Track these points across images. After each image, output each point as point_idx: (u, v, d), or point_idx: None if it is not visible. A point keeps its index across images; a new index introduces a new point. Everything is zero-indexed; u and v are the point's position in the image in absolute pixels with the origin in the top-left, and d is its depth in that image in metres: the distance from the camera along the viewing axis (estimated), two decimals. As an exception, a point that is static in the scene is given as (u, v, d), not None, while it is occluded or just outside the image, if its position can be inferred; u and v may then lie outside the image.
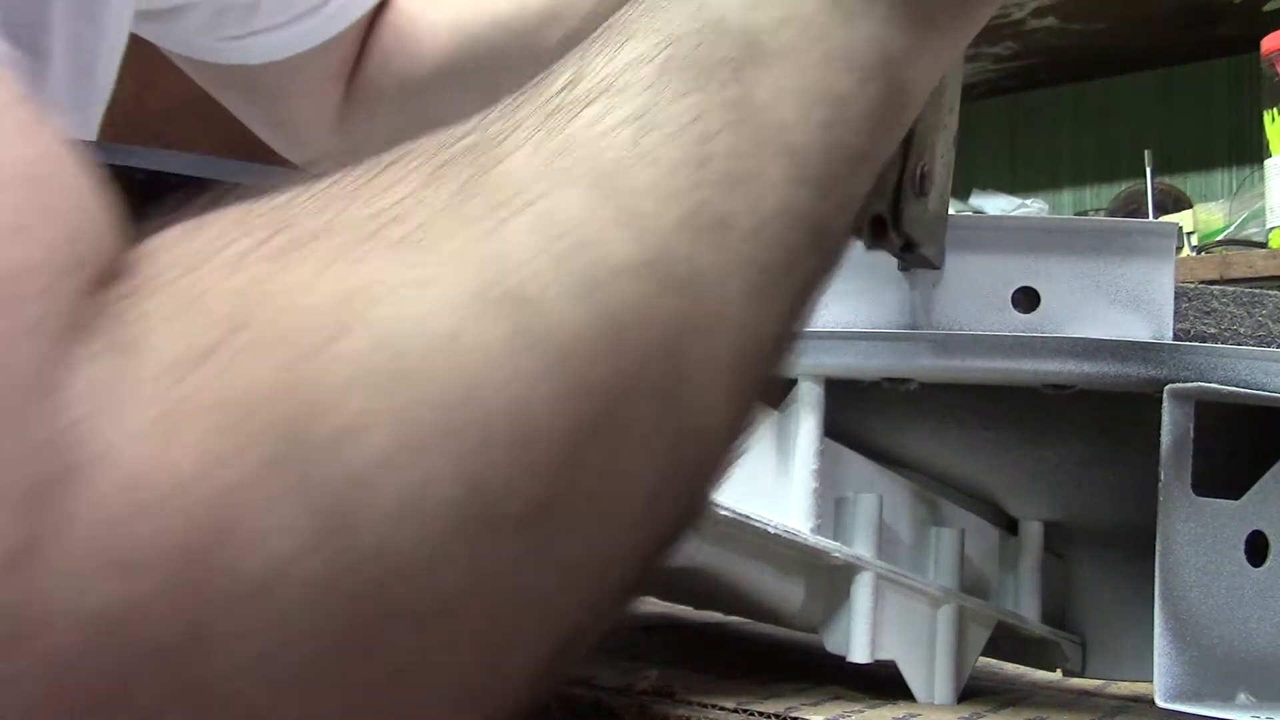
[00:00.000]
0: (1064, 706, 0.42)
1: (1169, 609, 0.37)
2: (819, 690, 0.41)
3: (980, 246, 0.40)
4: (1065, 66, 1.96)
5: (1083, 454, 0.44)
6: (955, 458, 0.45)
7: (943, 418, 0.43)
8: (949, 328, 0.40)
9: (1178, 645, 0.36)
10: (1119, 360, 0.38)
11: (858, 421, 0.43)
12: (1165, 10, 1.72)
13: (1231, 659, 0.37)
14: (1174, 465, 0.37)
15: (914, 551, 0.43)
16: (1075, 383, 0.39)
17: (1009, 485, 0.46)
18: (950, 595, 0.42)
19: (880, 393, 0.42)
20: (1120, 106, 2.00)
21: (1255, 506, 0.38)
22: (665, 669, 0.42)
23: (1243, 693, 0.37)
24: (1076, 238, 0.40)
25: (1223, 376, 0.38)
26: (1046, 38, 1.84)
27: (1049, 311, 0.40)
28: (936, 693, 0.41)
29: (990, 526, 0.46)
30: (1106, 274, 0.40)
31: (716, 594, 0.44)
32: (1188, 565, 0.37)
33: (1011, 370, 0.39)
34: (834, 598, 0.40)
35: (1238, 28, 1.73)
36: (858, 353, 0.40)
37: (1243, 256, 1.47)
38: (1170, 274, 0.39)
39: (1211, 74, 1.90)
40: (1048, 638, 0.46)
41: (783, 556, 0.39)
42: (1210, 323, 0.40)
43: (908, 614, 0.41)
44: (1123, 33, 1.82)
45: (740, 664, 0.47)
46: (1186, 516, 0.37)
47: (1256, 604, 0.37)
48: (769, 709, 0.38)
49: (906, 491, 0.44)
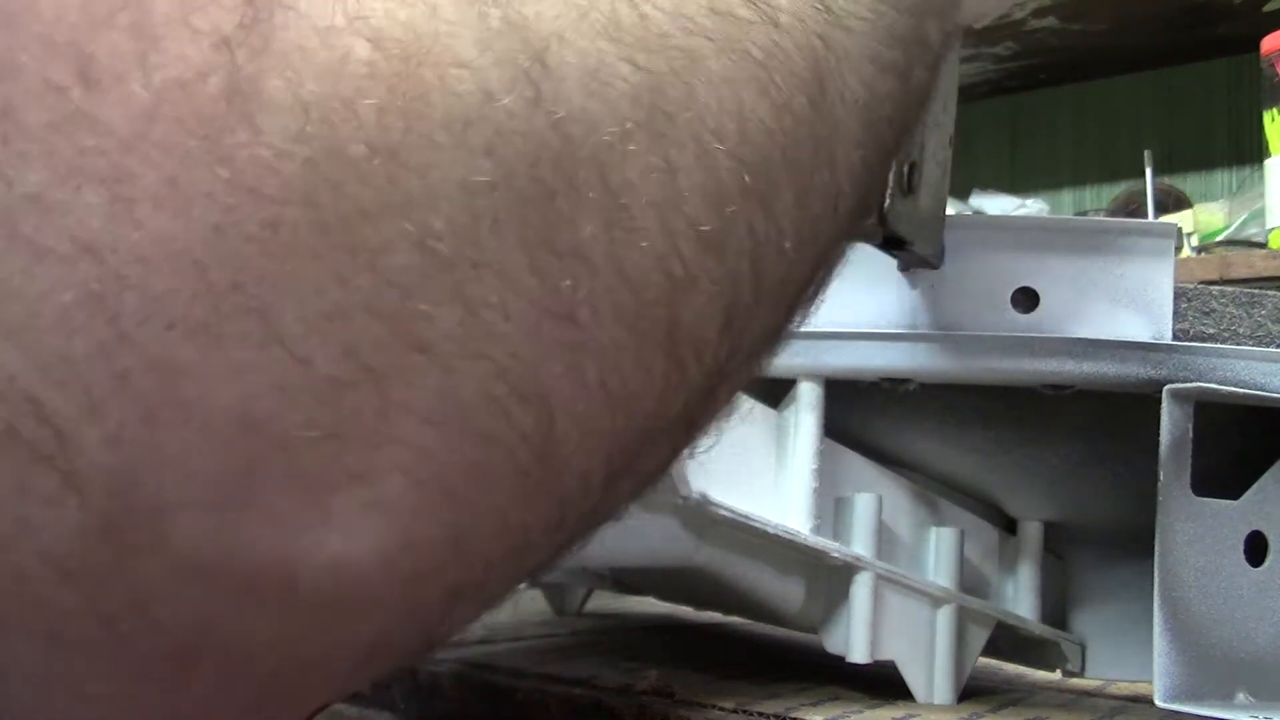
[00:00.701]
0: (1064, 706, 0.42)
1: (1168, 609, 0.37)
2: (819, 690, 0.41)
3: (980, 246, 0.40)
4: (1065, 66, 1.96)
5: (1082, 454, 0.44)
6: (955, 458, 0.45)
7: (942, 418, 0.44)
8: (949, 328, 0.40)
9: (1177, 645, 0.37)
10: (1118, 360, 0.38)
11: (857, 421, 0.43)
12: (1165, 10, 1.72)
13: (1231, 659, 0.37)
14: (1173, 465, 0.37)
15: (913, 551, 0.43)
16: (1074, 383, 0.39)
17: (1008, 485, 0.46)
18: (950, 595, 0.42)
19: (880, 393, 0.42)
20: (1120, 106, 2.00)
21: (1254, 507, 0.38)
22: (665, 669, 0.42)
23: (1242, 692, 0.37)
24: (1076, 238, 0.40)
25: (1222, 377, 0.38)
26: (1046, 38, 1.84)
27: (1048, 312, 0.40)
28: (936, 693, 0.41)
29: (990, 526, 0.46)
30: (1106, 274, 0.40)
31: (716, 594, 0.44)
32: (1187, 565, 0.37)
33: (1011, 370, 0.39)
34: (833, 598, 0.40)
35: (1238, 28, 1.73)
36: (857, 353, 0.40)
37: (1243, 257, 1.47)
38: (1169, 274, 0.39)
39: (1211, 74, 1.90)
40: (1047, 638, 0.46)
41: (782, 557, 0.40)
42: (1209, 323, 0.40)
43: (907, 614, 0.41)
44: (1123, 33, 1.82)
45: (740, 664, 0.47)
46: (1186, 516, 0.37)
47: (1255, 604, 0.37)
48: (769, 709, 0.38)
49: (906, 492, 0.44)
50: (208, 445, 0.16)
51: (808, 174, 0.22)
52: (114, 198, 0.16)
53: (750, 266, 0.21)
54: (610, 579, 0.52)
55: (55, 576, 0.16)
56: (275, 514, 0.17)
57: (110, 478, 0.16)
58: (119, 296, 0.16)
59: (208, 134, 0.16)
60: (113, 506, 0.16)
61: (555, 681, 0.41)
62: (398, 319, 0.17)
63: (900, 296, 0.41)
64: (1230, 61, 1.86)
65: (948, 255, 0.40)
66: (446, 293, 0.17)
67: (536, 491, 0.19)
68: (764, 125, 0.21)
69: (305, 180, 0.16)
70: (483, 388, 0.18)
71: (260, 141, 0.16)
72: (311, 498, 0.17)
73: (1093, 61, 1.94)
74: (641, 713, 0.38)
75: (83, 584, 0.16)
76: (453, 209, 0.17)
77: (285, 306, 0.16)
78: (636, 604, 0.62)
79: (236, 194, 0.16)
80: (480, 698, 0.42)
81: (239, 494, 0.17)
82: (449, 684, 0.43)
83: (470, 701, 0.42)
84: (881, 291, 0.41)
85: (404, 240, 0.17)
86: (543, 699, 0.40)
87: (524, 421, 0.19)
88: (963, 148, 0.39)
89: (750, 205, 0.21)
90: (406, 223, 0.17)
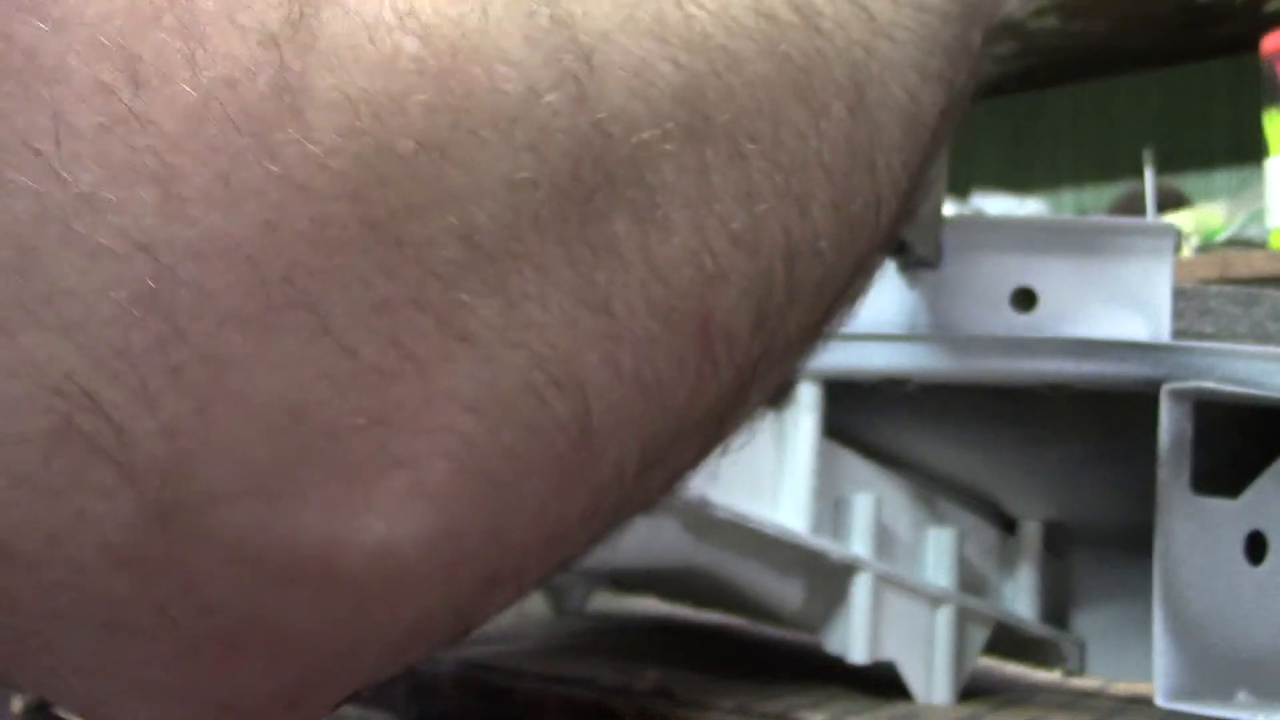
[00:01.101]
0: (1064, 706, 0.42)
1: (1168, 608, 0.37)
2: (819, 690, 0.41)
3: (979, 246, 0.40)
4: (1065, 66, 1.96)
5: (1081, 454, 0.44)
6: (954, 458, 0.45)
7: (942, 418, 0.44)
8: (948, 328, 0.40)
9: (1177, 644, 0.37)
10: (1117, 360, 0.38)
11: (856, 422, 0.43)
12: (1165, 10, 1.72)
13: (1231, 658, 0.37)
14: (1172, 465, 0.37)
15: (913, 552, 0.43)
16: (1073, 383, 0.39)
17: (1008, 485, 0.46)
18: (949, 595, 0.42)
19: (879, 393, 0.42)
20: (1120, 106, 2.00)
21: (1254, 506, 0.38)
22: (665, 669, 0.42)
23: (1242, 691, 0.37)
24: (1075, 237, 0.40)
25: (1221, 376, 0.38)
26: (1046, 38, 1.84)
27: (1047, 311, 0.40)
28: (936, 693, 0.41)
29: (989, 526, 0.47)
30: (1105, 274, 0.40)
31: (716, 594, 0.44)
32: (1187, 565, 0.37)
33: (1010, 370, 0.39)
34: (833, 598, 0.40)
35: (1238, 28, 1.73)
36: (857, 353, 0.40)
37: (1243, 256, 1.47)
38: (1168, 274, 0.39)
39: (1211, 74, 1.90)
40: (1047, 638, 0.46)
41: (782, 557, 0.40)
42: (1208, 322, 0.40)
43: (907, 614, 0.41)
44: (1123, 33, 1.82)
45: (740, 664, 0.47)
46: (1185, 516, 0.37)
47: (1255, 603, 0.37)
48: (769, 709, 0.38)
49: (905, 492, 0.44)
50: (258, 435, 0.17)
51: (844, 179, 0.23)
52: (166, 196, 0.16)
53: (784, 266, 0.22)
54: (610, 579, 0.52)
55: (111, 566, 0.17)
56: (322, 500, 0.17)
57: (165, 468, 0.16)
58: (173, 292, 0.16)
59: (257, 131, 0.16)
60: (167, 496, 0.16)
61: (555, 681, 0.41)
62: (441, 310, 0.18)
63: (899, 297, 0.41)
64: (1230, 61, 1.85)
65: (947, 255, 0.40)
66: (488, 284, 0.18)
67: (573, 480, 0.20)
68: (798, 129, 0.21)
69: (354, 176, 0.17)
70: (522, 376, 0.18)
71: (310, 138, 0.16)
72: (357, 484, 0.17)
73: (1093, 61, 1.94)
74: (641, 713, 0.38)
75: (137, 572, 0.17)
76: (496, 204, 0.18)
77: (334, 299, 0.17)
78: (636, 604, 0.63)
79: (287, 190, 0.16)
80: (480, 698, 0.42)
81: (288, 482, 0.17)
82: (449, 684, 0.43)
83: (470, 701, 0.42)
84: (881, 292, 0.41)
85: (448, 234, 0.17)
86: (543, 699, 0.40)
87: (561, 409, 0.19)
88: (963, 148, 0.39)
89: (784, 206, 0.21)
90: (452, 217, 0.17)
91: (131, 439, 0.16)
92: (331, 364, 0.17)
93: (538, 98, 0.18)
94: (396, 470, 0.18)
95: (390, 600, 0.19)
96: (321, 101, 0.17)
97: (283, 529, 0.17)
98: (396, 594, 0.19)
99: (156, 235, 0.16)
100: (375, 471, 0.17)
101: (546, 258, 0.18)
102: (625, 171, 0.19)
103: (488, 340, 0.18)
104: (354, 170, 0.17)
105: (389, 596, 0.19)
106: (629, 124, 0.19)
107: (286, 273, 0.16)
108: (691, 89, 0.20)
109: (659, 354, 0.20)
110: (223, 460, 0.17)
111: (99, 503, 0.16)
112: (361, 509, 0.18)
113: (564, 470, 0.20)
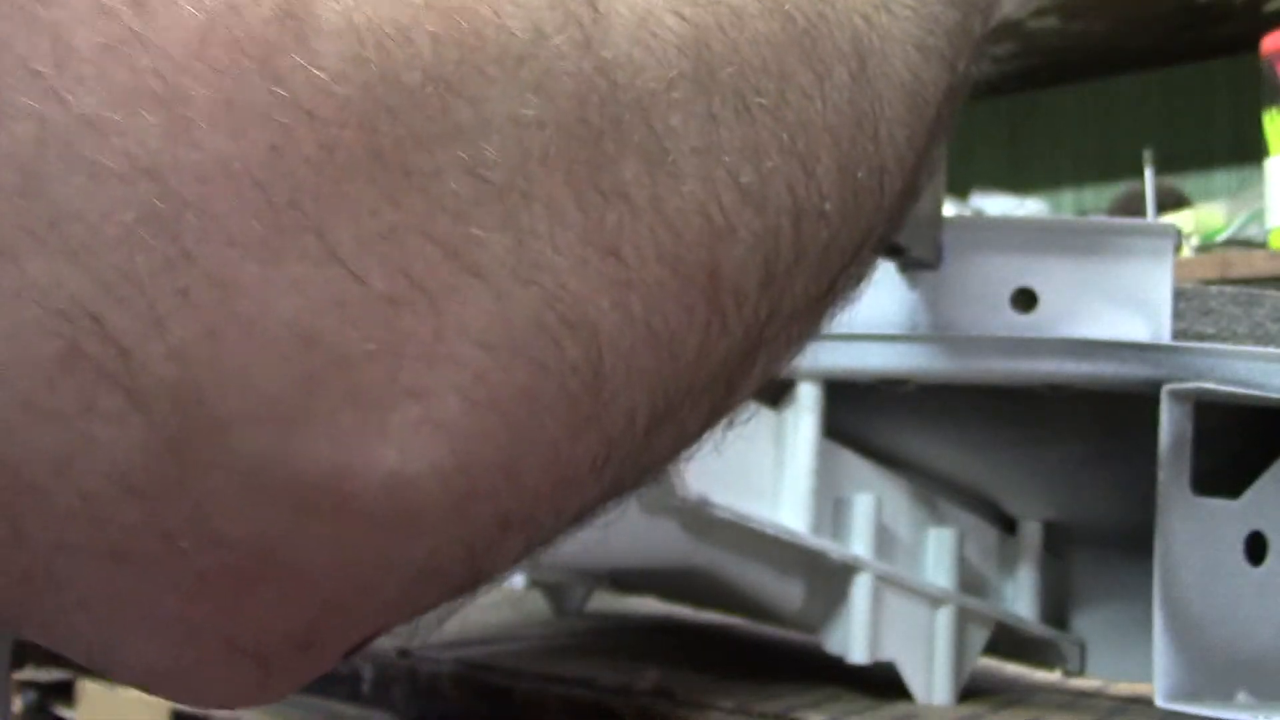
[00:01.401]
0: (1064, 706, 0.42)
1: (1168, 609, 0.37)
2: (819, 690, 0.41)
3: (979, 247, 0.40)
4: (1065, 66, 1.96)
5: (1081, 454, 0.44)
6: (954, 458, 0.45)
7: (941, 418, 0.44)
8: (947, 328, 0.40)
9: (1177, 645, 0.37)
10: (1117, 360, 0.38)
11: (856, 422, 0.43)
12: (1165, 10, 1.72)
13: (1231, 658, 0.37)
14: (1173, 465, 0.37)
15: (913, 552, 0.43)
16: (1074, 383, 0.39)
17: (1008, 485, 0.46)
18: (949, 596, 0.42)
19: (879, 393, 0.42)
20: (1120, 106, 2.00)
21: (1254, 506, 0.38)
22: (665, 669, 0.42)
23: (1242, 692, 0.37)
24: (1075, 238, 0.40)
25: (1221, 376, 0.38)
26: (1046, 38, 1.84)
27: (1047, 312, 0.40)
28: (936, 693, 0.41)
29: (989, 527, 0.47)
30: (1105, 274, 0.40)
31: (716, 594, 0.44)
32: (1187, 565, 0.37)
33: (1010, 370, 0.39)
34: (833, 598, 0.40)
35: (1238, 28, 1.73)
36: (857, 354, 0.40)
37: (1243, 256, 1.47)
38: (1168, 274, 0.39)
39: (1211, 74, 1.90)
40: (1047, 638, 0.46)
41: (782, 557, 0.40)
42: (1208, 322, 0.40)
43: (907, 614, 0.41)
44: (1123, 33, 1.82)
45: (740, 664, 0.47)
46: (1185, 516, 0.37)
47: (1256, 604, 0.38)
48: (769, 709, 0.38)
49: (905, 492, 0.44)
50: (268, 360, 0.17)
51: (849, 144, 0.23)
52: (171, 118, 0.16)
53: (791, 224, 0.22)
54: (610, 579, 0.52)
55: (120, 493, 0.17)
56: (333, 428, 0.17)
57: (173, 393, 0.16)
58: (179, 215, 0.16)
59: (262, 55, 0.16)
60: (175, 422, 0.16)
61: (555, 681, 0.41)
62: (450, 242, 0.18)
63: (899, 297, 0.41)
64: (1230, 61, 1.85)
65: (947, 256, 0.40)
66: (497, 220, 0.18)
67: (585, 424, 0.20)
68: (803, 89, 0.22)
69: (360, 104, 0.17)
70: (534, 314, 0.19)
71: (315, 64, 0.16)
72: (369, 413, 0.17)
73: (1093, 61, 1.94)
74: (641, 713, 0.38)
75: (146, 500, 0.17)
76: (504, 140, 0.18)
77: (341, 225, 0.17)
78: (636, 604, 0.63)
79: (292, 115, 0.16)
80: (480, 698, 0.42)
81: (298, 408, 0.17)
82: (449, 684, 0.43)
83: (470, 701, 0.42)
84: (881, 292, 0.41)
85: (456, 167, 0.18)
86: (543, 699, 0.40)
87: (573, 351, 0.19)
88: (963, 148, 0.39)
89: (790, 164, 0.22)
90: (459, 150, 0.18)
91: (140, 363, 0.16)
92: (341, 290, 0.17)
93: (544, 39, 0.18)
94: (408, 401, 0.18)
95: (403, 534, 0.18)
96: (327, 28, 0.17)
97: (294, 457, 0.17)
98: (409, 527, 0.18)
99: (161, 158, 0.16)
100: (387, 401, 0.17)
101: (556, 198, 0.19)
102: (632, 117, 0.19)
103: (499, 276, 0.18)
104: (360, 98, 0.17)
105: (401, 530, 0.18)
106: (634, 70, 0.19)
107: (293, 197, 0.16)
108: (697, 40, 0.20)
109: (669, 302, 0.20)
110: (233, 385, 0.16)
111: (108, 428, 0.16)
112: (373, 439, 0.17)
113: (576, 412, 0.20)
